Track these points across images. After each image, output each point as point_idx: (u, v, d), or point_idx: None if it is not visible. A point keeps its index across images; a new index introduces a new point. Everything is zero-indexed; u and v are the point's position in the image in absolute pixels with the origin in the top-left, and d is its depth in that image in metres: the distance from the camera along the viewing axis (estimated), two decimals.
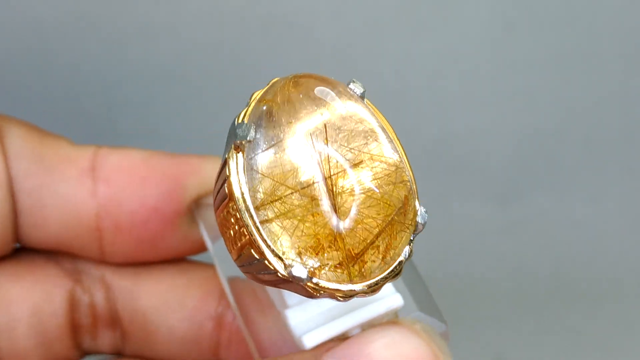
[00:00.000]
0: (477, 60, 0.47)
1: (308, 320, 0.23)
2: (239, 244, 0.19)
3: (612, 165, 0.48)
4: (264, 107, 0.19)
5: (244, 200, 0.18)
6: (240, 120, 0.19)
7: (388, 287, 0.23)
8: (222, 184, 0.19)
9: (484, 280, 0.44)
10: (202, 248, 0.28)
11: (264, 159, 0.18)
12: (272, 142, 0.19)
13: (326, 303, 0.23)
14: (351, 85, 0.20)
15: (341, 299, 0.19)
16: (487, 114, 0.48)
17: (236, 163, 0.19)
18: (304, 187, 0.18)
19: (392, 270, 0.19)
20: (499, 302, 0.43)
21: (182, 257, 0.29)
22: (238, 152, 0.19)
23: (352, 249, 0.19)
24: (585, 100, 0.48)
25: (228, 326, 0.28)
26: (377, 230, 0.19)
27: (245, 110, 0.19)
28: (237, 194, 0.18)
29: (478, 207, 0.47)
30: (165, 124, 0.48)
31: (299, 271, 0.18)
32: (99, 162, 0.26)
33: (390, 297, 0.23)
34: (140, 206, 0.26)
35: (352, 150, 0.19)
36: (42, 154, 0.26)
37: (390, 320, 0.23)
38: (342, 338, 0.23)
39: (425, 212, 0.19)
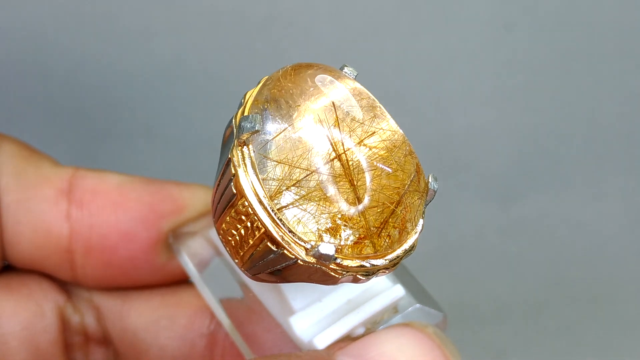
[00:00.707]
0: (477, 60, 0.47)
1: (313, 325, 0.23)
2: (251, 242, 0.19)
3: (612, 165, 0.48)
4: (267, 96, 0.19)
5: (256, 192, 0.18)
6: (241, 113, 0.19)
7: (383, 281, 0.23)
8: (227, 185, 0.19)
9: (484, 280, 0.44)
10: (180, 279, 0.27)
11: (274, 145, 0.18)
12: (282, 127, 0.19)
13: (329, 305, 0.23)
14: (345, 69, 0.20)
15: (362, 278, 0.19)
16: (487, 114, 0.48)
17: (242, 158, 0.18)
18: (320, 167, 0.18)
19: (410, 246, 0.19)
20: (499, 302, 0.43)
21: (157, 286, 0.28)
22: (243, 147, 0.19)
23: (375, 223, 0.19)
24: (585, 100, 0.48)
25: (221, 343, 0.28)
26: (397, 199, 0.19)
27: (241, 109, 0.19)
28: (246, 187, 0.18)
29: (478, 207, 0.47)
30: (165, 123, 0.48)
31: (327, 248, 0.18)
32: (75, 183, 0.26)
33: (391, 289, 0.23)
34: (111, 230, 0.26)
35: (363, 125, 0.19)
36: (23, 171, 0.26)
37: (403, 323, 0.23)
38: (349, 338, 0.23)
39: (436, 179, 0.20)
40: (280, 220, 0.18)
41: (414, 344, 0.22)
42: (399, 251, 0.19)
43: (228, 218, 0.19)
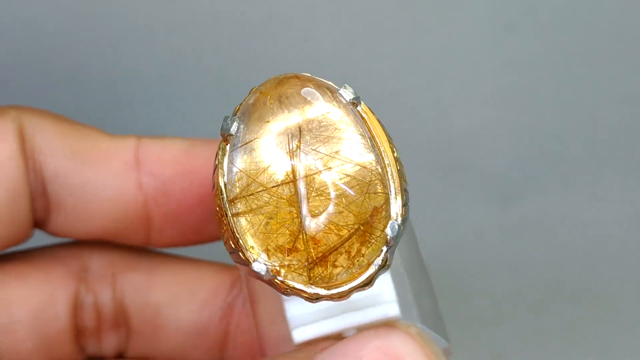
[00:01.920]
0: (477, 60, 0.47)
1: (304, 315, 0.23)
2: (222, 233, 0.20)
3: (612, 165, 0.48)
4: (251, 102, 0.20)
5: (223, 191, 0.19)
6: (233, 113, 0.20)
7: (389, 294, 0.23)
8: (213, 172, 0.20)
9: (484, 280, 0.44)
10: None
11: (241, 154, 0.19)
12: (249, 139, 0.19)
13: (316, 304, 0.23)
14: (341, 91, 0.20)
15: (309, 301, 0.19)
16: (487, 114, 0.48)
17: (223, 154, 0.19)
18: (274, 186, 0.19)
19: (363, 281, 0.19)
20: (499, 302, 0.43)
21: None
22: (226, 144, 0.19)
23: (315, 252, 0.19)
24: (585, 100, 0.48)
25: (237, 315, 0.28)
26: (344, 237, 0.19)
27: (241, 103, 0.20)
28: (219, 183, 0.19)
29: (478, 207, 0.47)
30: (165, 123, 0.48)
31: (259, 267, 0.19)
32: (142, 154, 0.27)
33: (387, 305, 0.23)
34: (186, 196, 0.27)
35: (325, 156, 0.19)
36: (81, 150, 0.26)
37: (386, 323, 0.23)
38: (337, 337, 0.23)
39: (399, 225, 0.19)
40: (235, 225, 0.19)
41: (396, 344, 0.22)
42: (347, 287, 0.19)
43: (214, 200, 0.20)
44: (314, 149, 0.19)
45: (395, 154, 0.20)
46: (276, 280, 0.19)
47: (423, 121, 0.47)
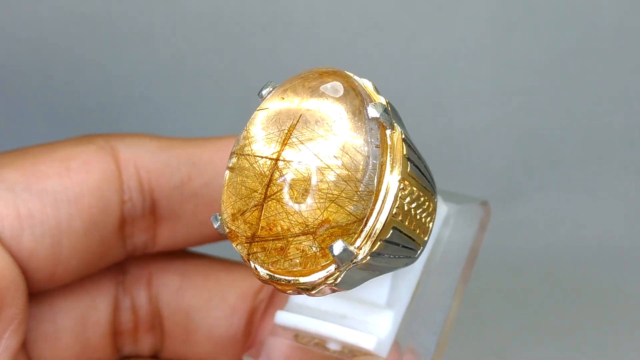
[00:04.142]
0: (477, 60, 0.47)
1: (298, 305, 0.24)
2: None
3: (612, 165, 0.48)
4: (299, 76, 0.20)
5: (237, 142, 0.20)
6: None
7: (380, 328, 0.23)
8: None
9: (483, 280, 0.44)
10: None
11: (253, 116, 0.19)
12: (261, 107, 0.19)
13: (322, 303, 0.23)
14: (369, 107, 0.19)
15: (245, 260, 0.19)
16: (487, 114, 0.48)
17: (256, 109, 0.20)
18: (258, 157, 0.19)
19: (302, 284, 0.19)
20: (499, 302, 0.43)
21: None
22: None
23: (260, 232, 0.19)
24: (586, 100, 0.48)
25: (257, 319, 0.28)
26: (290, 232, 0.18)
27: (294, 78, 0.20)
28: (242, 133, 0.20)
29: None
30: (165, 123, 0.48)
31: (214, 219, 0.20)
32: None
33: (368, 337, 0.23)
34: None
35: (310, 156, 0.18)
36: (189, 156, 0.26)
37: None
38: (320, 344, 0.23)
39: (343, 249, 0.18)
40: (225, 175, 0.20)
41: None
42: (284, 277, 0.19)
43: None
44: (307, 144, 0.18)
45: (413, 195, 0.19)
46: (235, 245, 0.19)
47: (423, 121, 0.47)
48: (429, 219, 0.20)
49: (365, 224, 0.18)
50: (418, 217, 0.20)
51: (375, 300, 0.23)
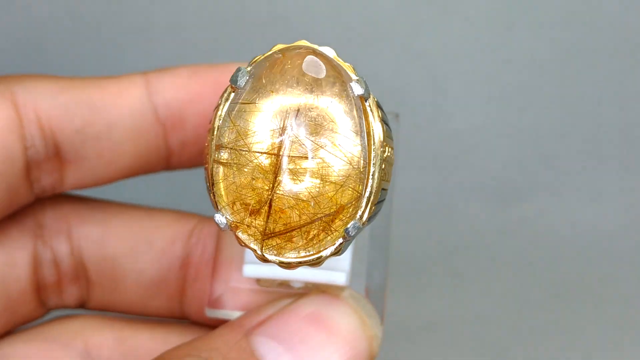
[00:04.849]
0: (477, 60, 0.47)
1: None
2: (205, 165, 0.20)
3: (612, 165, 0.48)
4: (269, 62, 0.20)
5: (214, 132, 0.20)
6: (249, 63, 0.20)
7: (344, 263, 0.24)
8: (215, 108, 0.21)
9: (483, 280, 0.44)
10: None
11: (239, 109, 0.20)
12: (251, 99, 0.20)
13: None
14: (352, 83, 0.20)
15: (259, 260, 0.20)
16: (487, 114, 0.48)
17: (226, 99, 0.20)
18: (258, 152, 0.19)
19: (311, 260, 0.20)
20: (499, 302, 0.43)
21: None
22: (232, 91, 0.20)
23: (274, 226, 0.19)
24: (586, 100, 0.48)
25: (195, 264, 0.28)
26: (304, 221, 0.19)
27: (258, 57, 0.20)
28: (214, 123, 0.20)
29: (478, 207, 0.47)
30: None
31: (220, 220, 0.20)
32: (152, 87, 0.27)
33: (338, 273, 0.24)
34: (200, 119, 0.27)
35: (313, 144, 0.19)
36: (91, 99, 0.26)
37: (318, 291, 0.24)
38: (284, 284, 0.24)
39: (359, 226, 0.20)
40: (213, 169, 0.20)
41: (329, 311, 0.22)
42: (293, 259, 0.20)
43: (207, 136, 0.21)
44: (306, 135, 0.19)
45: (386, 154, 0.20)
46: (237, 234, 0.20)
47: (423, 121, 0.47)
48: (390, 165, 0.21)
49: (364, 195, 0.20)
50: (388, 169, 0.21)
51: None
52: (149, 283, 0.28)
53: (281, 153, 0.19)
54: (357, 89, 0.20)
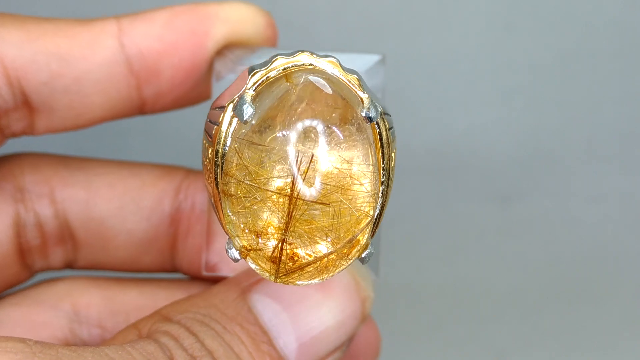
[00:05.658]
0: (477, 60, 0.47)
1: None
2: (206, 175, 0.20)
3: (612, 165, 0.48)
4: (275, 90, 0.19)
5: (219, 158, 0.19)
6: (252, 97, 0.19)
7: None
8: (219, 116, 0.20)
9: (483, 281, 0.44)
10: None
11: (247, 143, 0.19)
12: (258, 141, 0.19)
13: None
14: (360, 111, 0.19)
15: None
16: (487, 114, 0.48)
17: (229, 123, 0.19)
18: (259, 189, 0.19)
19: (320, 280, 0.20)
20: (498, 302, 0.43)
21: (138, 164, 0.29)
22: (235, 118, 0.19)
23: (286, 266, 0.19)
24: (586, 100, 0.48)
25: (186, 219, 0.28)
26: (319, 255, 0.19)
27: (265, 68, 0.19)
28: (219, 148, 0.19)
29: (478, 207, 0.47)
30: (164, 123, 0.48)
31: (234, 253, 0.19)
32: (125, 36, 0.26)
33: None
34: (176, 71, 0.26)
35: (326, 186, 0.19)
36: (61, 48, 0.25)
37: None
38: None
39: (372, 251, 0.20)
40: (220, 198, 0.19)
41: None
42: (300, 283, 0.20)
43: (206, 132, 0.20)
44: (320, 179, 0.19)
45: (392, 163, 0.20)
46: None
47: (423, 121, 0.47)
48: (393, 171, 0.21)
49: (374, 217, 0.20)
50: (392, 177, 0.21)
51: None
52: (139, 242, 0.28)
53: (294, 195, 0.19)
54: (365, 112, 0.19)
